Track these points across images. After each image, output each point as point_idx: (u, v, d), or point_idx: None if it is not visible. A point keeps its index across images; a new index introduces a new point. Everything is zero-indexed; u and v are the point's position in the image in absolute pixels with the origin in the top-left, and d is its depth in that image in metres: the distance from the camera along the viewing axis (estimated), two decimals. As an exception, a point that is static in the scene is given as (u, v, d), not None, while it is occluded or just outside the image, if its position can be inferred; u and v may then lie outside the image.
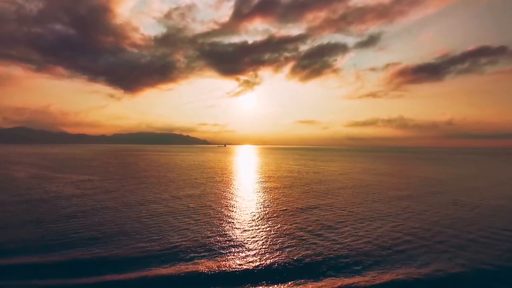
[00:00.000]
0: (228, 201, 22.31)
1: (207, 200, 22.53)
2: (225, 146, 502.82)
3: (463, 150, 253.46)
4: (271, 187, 29.23)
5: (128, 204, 20.82)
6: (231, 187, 29.18)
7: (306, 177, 38.79)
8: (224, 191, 26.68)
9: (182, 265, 10.46)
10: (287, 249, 12.10)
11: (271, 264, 10.68)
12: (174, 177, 36.94)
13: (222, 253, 11.61)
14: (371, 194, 25.57)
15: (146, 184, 30.74)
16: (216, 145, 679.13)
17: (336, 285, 9.17)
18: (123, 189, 27.14)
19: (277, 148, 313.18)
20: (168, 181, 33.46)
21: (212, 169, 49.46)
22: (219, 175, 40.69)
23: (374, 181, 34.57)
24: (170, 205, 20.67)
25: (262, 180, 34.88)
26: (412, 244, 12.92)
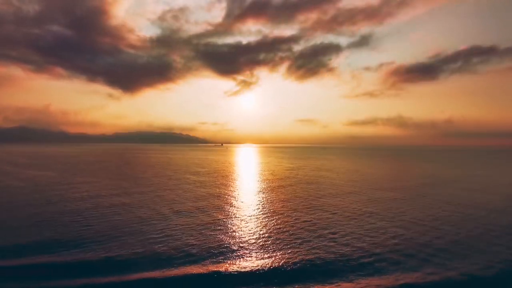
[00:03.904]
0: (272, 205, 20.65)
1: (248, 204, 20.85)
2: (222, 145, 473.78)
3: (465, 149, 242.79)
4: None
5: (179, 212, 18.46)
6: (279, 194, 25.00)
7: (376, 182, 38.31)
8: (273, 196, 23.94)
9: (189, 266, 10.54)
10: (304, 250, 12.09)
11: (281, 265, 10.64)
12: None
13: (239, 254, 11.68)
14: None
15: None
16: (213, 144, 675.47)
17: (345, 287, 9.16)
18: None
19: (280, 147, 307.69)
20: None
21: (239, 173, 43.30)
22: (256, 179, 35.88)
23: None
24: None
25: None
26: (427, 244, 12.89)
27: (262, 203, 21.40)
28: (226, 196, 23.90)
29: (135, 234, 14.04)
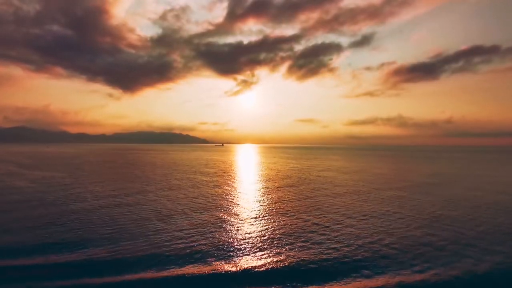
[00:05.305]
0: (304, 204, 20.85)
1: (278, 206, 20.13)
2: (222, 145, 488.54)
3: (466, 149, 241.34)
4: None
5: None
6: (295, 194, 24.65)
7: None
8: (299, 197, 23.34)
9: (190, 266, 10.57)
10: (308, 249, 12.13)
11: (280, 265, 10.64)
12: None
13: (242, 255, 11.70)
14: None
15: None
16: (214, 144, 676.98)
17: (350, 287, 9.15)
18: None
19: (282, 147, 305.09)
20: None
21: (249, 174, 41.05)
22: (267, 179, 34.90)
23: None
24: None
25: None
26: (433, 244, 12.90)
27: (275, 204, 20.94)
28: (240, 198, 23.51)
29: (143, 235, 14.05)
